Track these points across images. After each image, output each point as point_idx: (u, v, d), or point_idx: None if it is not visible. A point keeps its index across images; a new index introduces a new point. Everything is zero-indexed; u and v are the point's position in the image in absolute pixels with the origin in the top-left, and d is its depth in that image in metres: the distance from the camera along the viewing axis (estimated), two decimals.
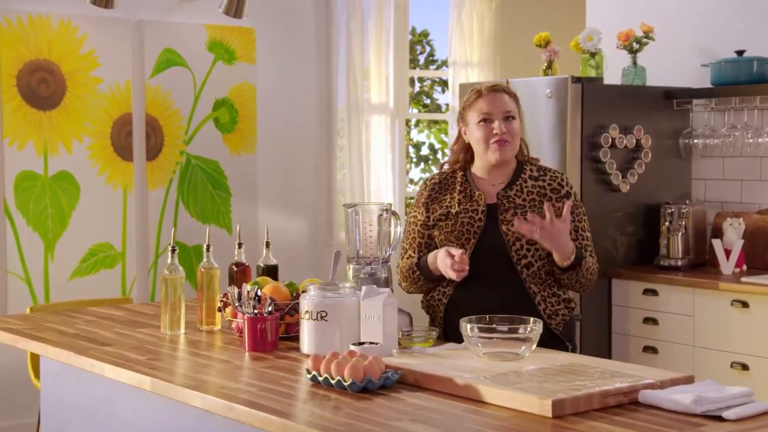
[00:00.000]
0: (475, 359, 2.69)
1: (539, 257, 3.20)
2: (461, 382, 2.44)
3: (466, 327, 2.72)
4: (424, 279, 3.27)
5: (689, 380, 2.48)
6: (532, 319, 2.75)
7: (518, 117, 3.26)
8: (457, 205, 3.27)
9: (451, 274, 3.10)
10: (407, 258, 3.34)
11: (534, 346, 2.71)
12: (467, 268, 3.08)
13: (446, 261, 3.09)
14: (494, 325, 2.76)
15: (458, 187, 3.30)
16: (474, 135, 3.25)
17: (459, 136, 3.34)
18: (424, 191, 3.35)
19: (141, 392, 2.80)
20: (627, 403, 2.34)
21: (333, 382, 2.50)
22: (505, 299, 3.13)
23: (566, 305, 3.27)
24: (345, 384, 2.47)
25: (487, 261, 3.19)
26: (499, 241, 3.20)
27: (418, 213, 3.33)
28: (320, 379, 2.54)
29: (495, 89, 3.25)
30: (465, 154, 3.33)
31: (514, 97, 3.28)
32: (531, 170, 3.29)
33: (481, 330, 2.71)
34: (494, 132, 3.19)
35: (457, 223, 3.24)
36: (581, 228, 3.27)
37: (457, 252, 3.09)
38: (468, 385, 2.42)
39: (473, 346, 2.72)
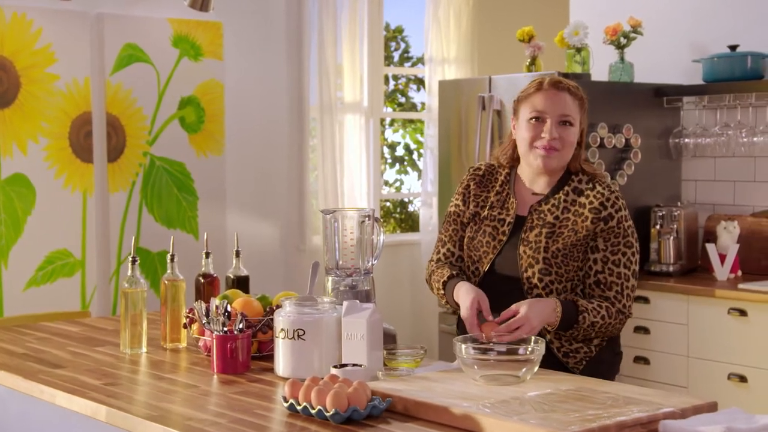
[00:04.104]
0: (471, 383, 2.42)
1: (555, 290, 2.77)
2: (458, 411, 2.17)
3: (460, 347, 2.44)
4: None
5: (712, 408, 2.23)
6: (533, 338, 2.48)
7: (578, 124, 2.84)
8: (488, 207, 2.92)
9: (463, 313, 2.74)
10: (445, 252, 2.96)
11: (536, 368, 2.45)
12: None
13: (472, 321, 2.68)
14: (491, 345, 2.49)
15: (497, 187, 2.93)
16: (522, 133, 2.84)
17: (510, 131, 2.95)
18: (465, 179, 2.98)
19: (96, 422, 2.51)
20: None
21: (313, 411, 2.23)
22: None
23: (588, 344, 2.84)
24: (327, 414, 2.20)
25: (498, 285, 2.82)
26: (512, 264, 2.82)
27: (460, 202, 2.96)
28: (299, 408, 2.26)
29: (558, 86, 2.82)
30: (513, 151, 2.93)
31: (580, 99, 2.84)
32: (579, 180, 2.86)
33: (476, 350, 2.44)
34: (542, 135, 2.80)
35: (480, 230, 2.89)
36: (613, 261, 2.78)
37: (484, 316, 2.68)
38: (466, 416, 2.15)
39: (468, 368, 2.44)
